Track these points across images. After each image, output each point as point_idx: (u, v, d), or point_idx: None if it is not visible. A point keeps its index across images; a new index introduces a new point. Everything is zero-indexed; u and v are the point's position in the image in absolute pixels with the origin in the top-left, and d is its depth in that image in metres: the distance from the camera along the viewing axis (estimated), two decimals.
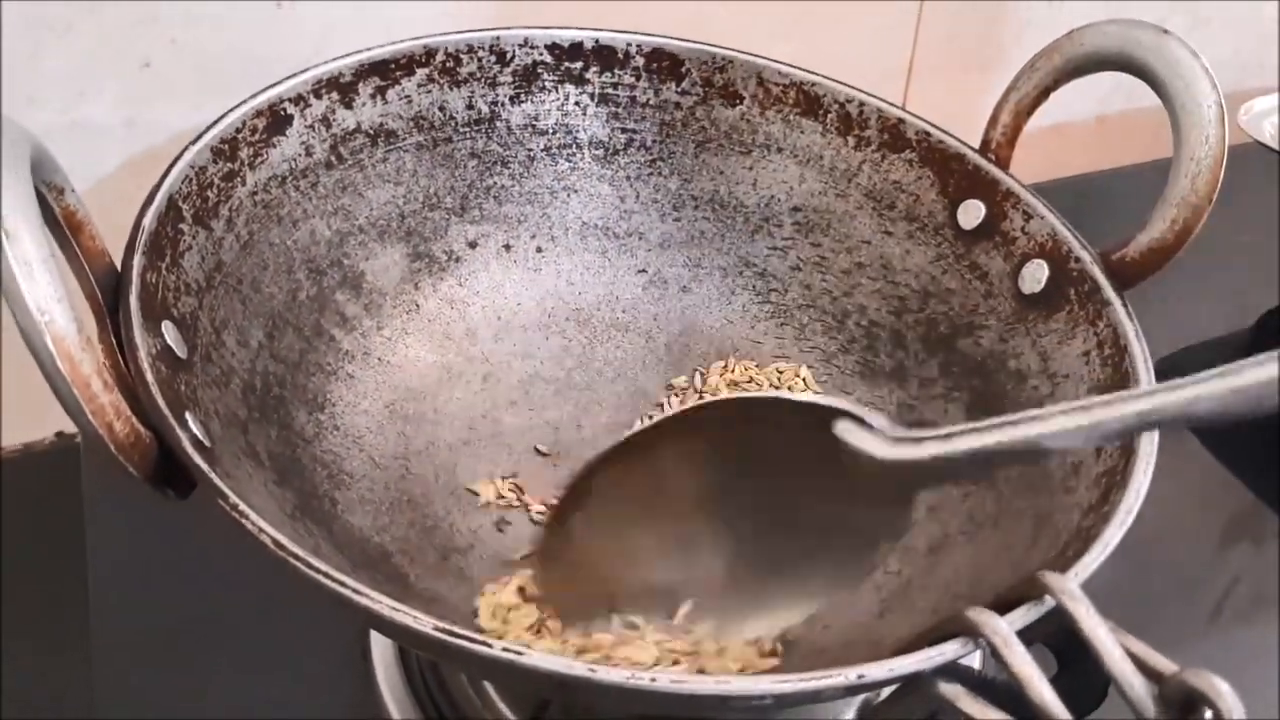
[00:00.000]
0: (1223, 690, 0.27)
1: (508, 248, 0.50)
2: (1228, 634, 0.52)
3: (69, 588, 0.49)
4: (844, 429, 0.33)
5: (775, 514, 0.35)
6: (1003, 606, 0.31)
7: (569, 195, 0.50)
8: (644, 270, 0.51)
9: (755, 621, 0.36)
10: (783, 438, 0.34)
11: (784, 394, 0.33)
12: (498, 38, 0.48)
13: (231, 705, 0.45)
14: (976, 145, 0.47)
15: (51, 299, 0.28)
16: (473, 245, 0.49)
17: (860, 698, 0.43)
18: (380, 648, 0.45)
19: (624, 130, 0.50)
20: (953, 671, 0.30)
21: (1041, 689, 0.28)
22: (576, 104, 0.50)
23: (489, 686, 0.43)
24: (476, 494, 0.44)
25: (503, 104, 0.49)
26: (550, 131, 0.50)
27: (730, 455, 0.35)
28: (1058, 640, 0.34)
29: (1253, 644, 0.52)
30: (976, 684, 0.30)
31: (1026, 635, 0.30)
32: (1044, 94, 0.45)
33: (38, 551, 0.51)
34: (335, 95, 0.45)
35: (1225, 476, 0.59)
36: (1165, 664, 0.29)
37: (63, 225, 0.34)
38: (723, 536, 0.36)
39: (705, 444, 0.34)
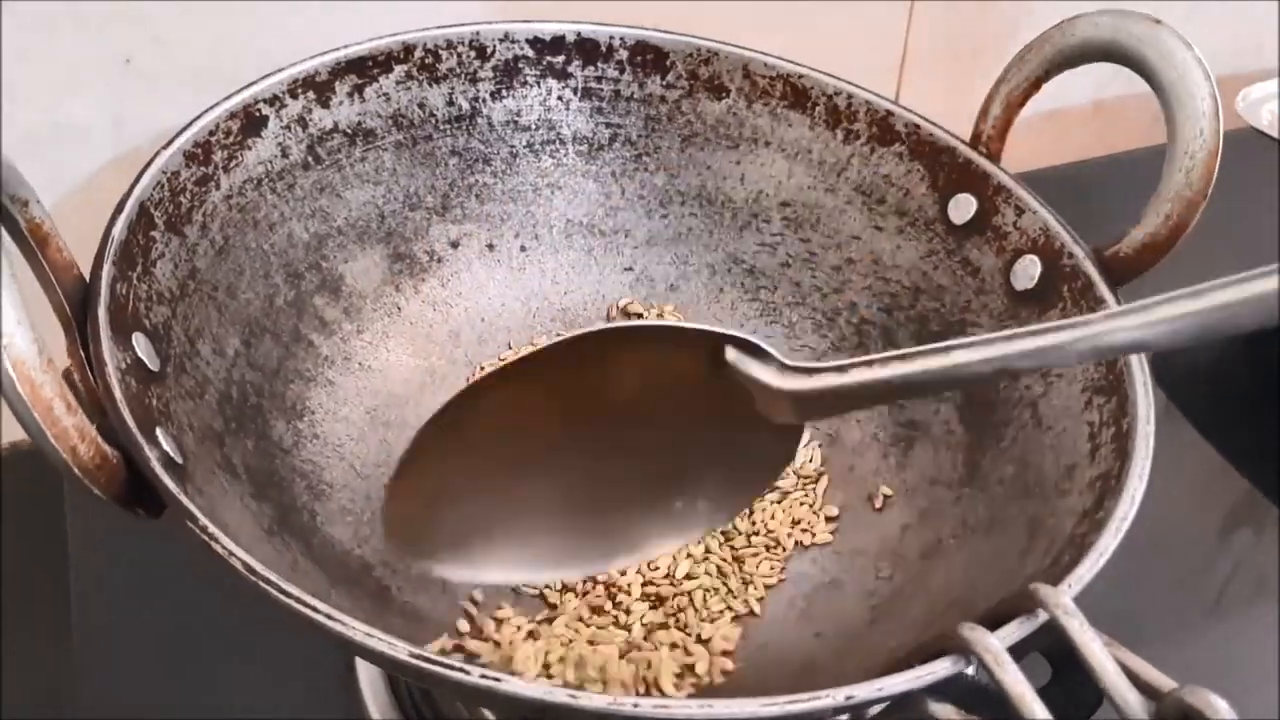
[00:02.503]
0: (1220, 708, 0.27)
1: (491, 247, 0.49)
2: (1228, 623, 0.52)
3: (55, 591, 0.48)
4: (736, 356, 0.32)
5: (661, 442, 0.33)
6: (995, 621, 0.30)
7: (553, 192, 0.49)
8: (630, 268, 0.50)
9: (631, 554, 0.35)
10: (674, 363, 0.32)
11: (672, 322, 0.31)
12: (477, 32, 0.47)
13: (217, 711, 0.45)
14: (968, 138, 0.46)
15: (11, 321, 0.27)
16: (455, 245, 0.48)
17: None
18: None
19: (608, 125, 0.49)
20: (944, 686, 0.30)
21: (1035, 708, 0.28)
22: (559, 99, 0.49)
23: None
24: None
25: (484, 100, 0.48)
26: (533, 127, 0.49)
27: (616, 382, 0.33)
28: (1051, 647, 0.33)
29: (1253, 633, 0.51)
30: (969, 692, 0.30)
31: (1021, 647, 0.30)
32: (1035, 85, 0.44)
33: (26, 552, 0.50)
34: (311, 94, 0.44)
35: (1225, 466, 0.59)
36: (1162, 680, 0.28)
37: (28, 238, 0.33)
38: (604, 466, 0.34)
39: (590, 371, 0.32)
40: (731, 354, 0.32)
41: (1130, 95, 0.77)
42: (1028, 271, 0.43)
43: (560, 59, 0.48)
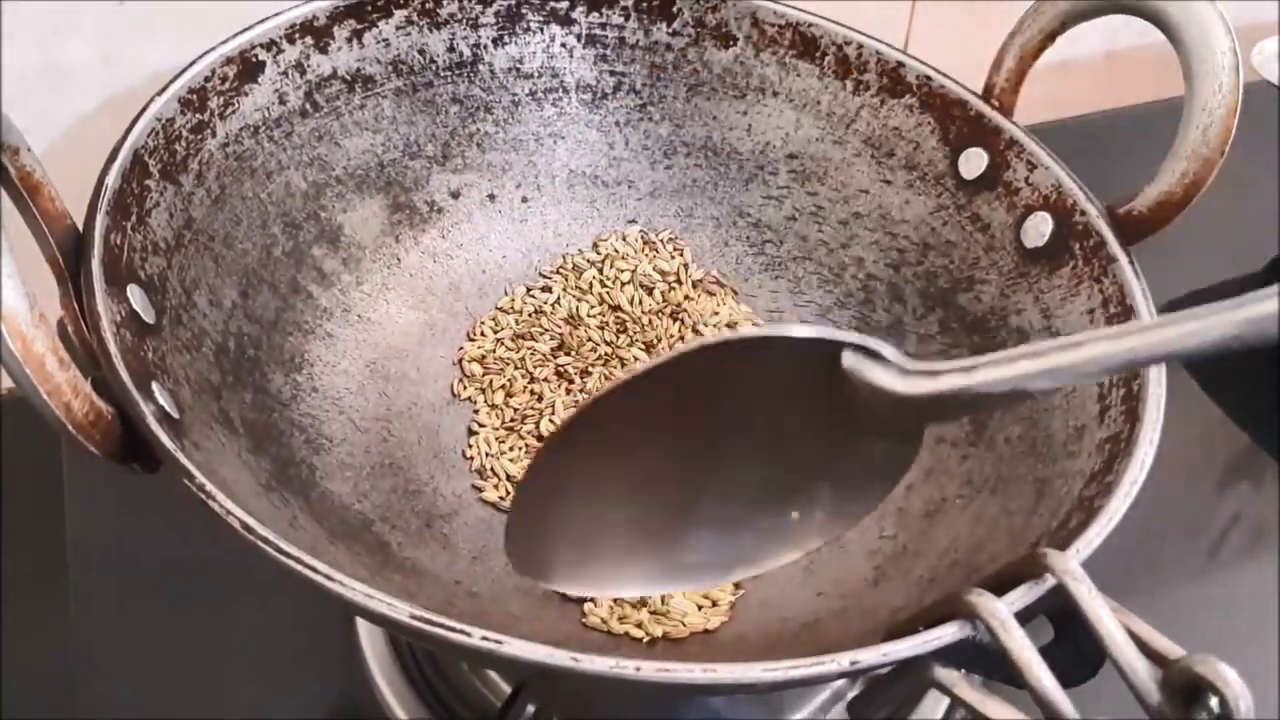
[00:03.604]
0: (1230, 678, 0.26)
1: (492, 197, 0.48)
2: (1225, 575, 0.52)
3: (51, 541, 0.48)
4: (852, 360, 0.30)
5: (775, 454, 0.32)
6: (1000, 584, 0.30)
7: (555, 142, 0.48)
8: (634, 220, 0.49)
9: (747, 567, 0.33)
10: (785, 371, 0.31)
11: (784, 329, 0.31)
12: None
13: (215, 664, 0.44)
14: (979, 90, 0.45)
15: (1, 274, 0.27)
16: (455, 195, 0.47)
17: None
18: None
19: (612, 73, 0.48)
20: (949, 650, 0.30)
21: (1041, 675, 0.27)
22: (563, 45, 0.48)
23: None
24: (469, 458, 0.43)
25: (485, 46, 0.47)
26: (535, 75, 0.48)
27: (728, 394, 0.31)
28: (1056, 610, 0.33)
29: (1250, 585, 0.51)
30: (972, 652, 0.30)
31: (1026, 611, 0.29)
32: (1050, 38, 0.43)
33: (22, 500, 0.50)
34: (309, 40, 0.43)
35: (1223, 419, 0.59)
36: (1170, 647, 0.28)
37: (19, 187, 0.33)
38: (718, 481, 0.33)
39: (699, 385, 0.31)
40: (848, 358, 0.30)
41: (1143, 46, 0.76)
42: (1039, 229, 0.42)
43: (564, 4, 0.47)
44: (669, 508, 0.33)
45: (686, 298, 0.47)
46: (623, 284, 0.47)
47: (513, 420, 0.44)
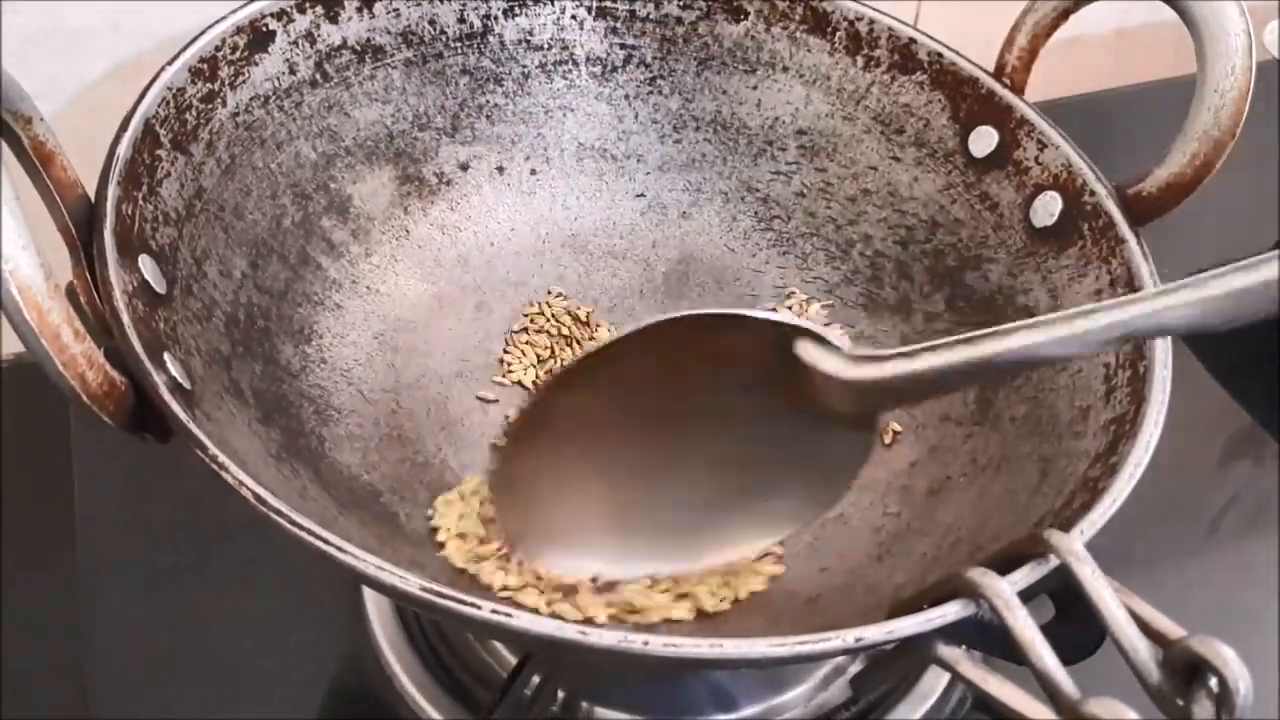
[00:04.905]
0: (1229, 659, 0.27)
1: (501, 170, 0.48)
2: (1227, 551, 0.52)
3: (59, 510, 0.48)
4: (804, 348, 0.32)
5: (738, 437, 0.34)
6: (1004, 563, 0.30)
7: (564, 115, 0.48)
8: (642, 194, 0.49)
9: (720, 552, 0.36)
10: (743, 355, 0.33)
11: (744, 310, 0.32)
12: None
13: (222, 633, 0.45)
14: (991, 68, 0.45)
15: (16, 245, 0.27)
16: (464, 167, 0.47)
17: None
18: None
19: (623, 46, 0.48)
20: (952, 628, 0.30)
21: (1043, 653, 0.28)
22: (573, 18, 0.48)
23: None
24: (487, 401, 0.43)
25: (496, 17, 0.47)
26: (545, 47, 0.48)
27: (690, 373, 0.33)
28: (1058, 589, 0.33)
29: (1249, 564, 0.51)
30: (974, 629, 0.30)
31: (1029, 590, 0.30)
32: (1063, 16, 0.43)
33: (29, 469, 0.50)
34: (320, 9, 0.43)
35: (1226, 400, 0.59)
36: (1170, 627, 0.28)
37: (32, 157, 0.33)
38: (685, 461, 0.35)
39: (663, 362, 0.33)
40: (800, 346, 0.32)
41: (1154, 24, 0.75)
42: (1048, 208, 0.42)
43: None
44: (642, 489, 0.34)
45: None
46: None
47: None
